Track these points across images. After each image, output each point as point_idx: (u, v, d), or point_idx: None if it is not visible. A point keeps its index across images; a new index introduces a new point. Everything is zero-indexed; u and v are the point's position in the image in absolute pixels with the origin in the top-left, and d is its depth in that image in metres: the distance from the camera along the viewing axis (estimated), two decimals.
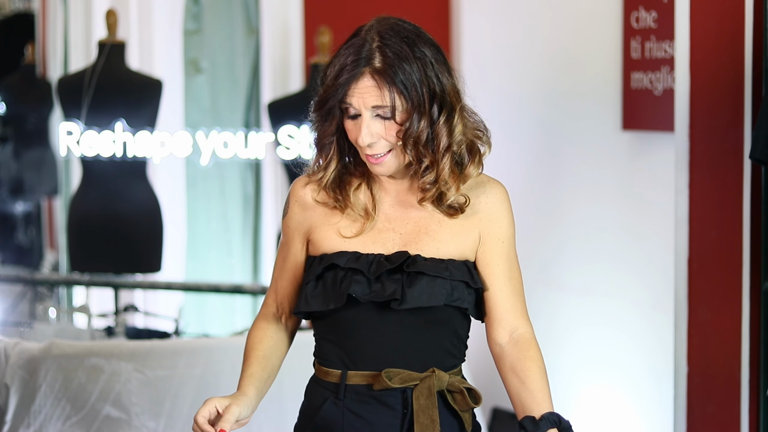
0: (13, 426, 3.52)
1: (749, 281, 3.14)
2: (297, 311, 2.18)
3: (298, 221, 2.19)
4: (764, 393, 3.10)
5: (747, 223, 3.14)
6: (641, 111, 4.17)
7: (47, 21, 7.58)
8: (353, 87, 2.07)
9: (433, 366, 2.14)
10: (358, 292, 2.09)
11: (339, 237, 2.15)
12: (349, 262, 2.11)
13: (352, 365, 2.14)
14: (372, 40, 2.09)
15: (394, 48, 2.08)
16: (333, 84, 2.08)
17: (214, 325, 5.83)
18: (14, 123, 7.82)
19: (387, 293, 2.09)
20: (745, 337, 3.15)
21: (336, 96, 2.08)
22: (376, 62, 2.07)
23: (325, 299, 2.12)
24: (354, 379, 2.14)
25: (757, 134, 2.85)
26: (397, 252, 2.13)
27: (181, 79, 5.97)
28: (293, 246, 2.21)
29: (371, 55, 2.07)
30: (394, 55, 2.07)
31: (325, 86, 2.10)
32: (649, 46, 4.11)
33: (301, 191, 2.20)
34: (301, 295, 2.17)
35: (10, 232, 8.49)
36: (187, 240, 6.02)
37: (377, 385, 2.12)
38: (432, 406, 2.12)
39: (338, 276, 2.11)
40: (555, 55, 4.67)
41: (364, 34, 2.10)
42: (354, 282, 2.09)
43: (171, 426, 3.58)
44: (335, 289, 2.11)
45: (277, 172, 5.46)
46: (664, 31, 4.00)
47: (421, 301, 2.09)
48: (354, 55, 2.07)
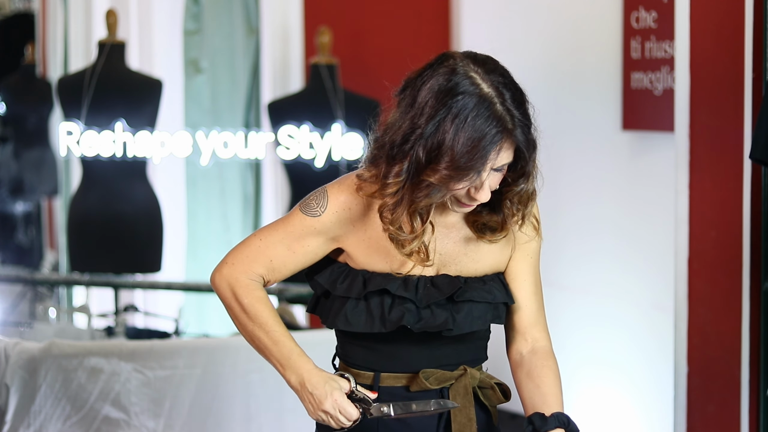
0: (13, 426, 3.52)
1: (749, 281, 3.14)
2: (332, 327, 2.14)
3: (332, 227, 2.11)
4: (764, 393, 3.10)
5: (747, 223, 3.14)
6: (641, 111, 4.17)
7: (47, 21, 7.59)
8: (492, 156, 1.98)
9: (464, 363, 2.16)
10: (411, 321, 2.08)
11: (381, 254, 2.11)
12: (399, 289, 2.09)
13: (385, 368, 2.14)
14: (501, 103, 1.98)
15: (525, 112, 2.02)
16: (471, 154, 1.95)
17: (214, 325, 5.83)
18: (14, 123, 7.82)
19: (438, 322, 2.09)
20: (745, 337, 3.15)
21: (475, 169, 1.96)
22: (518, 134, 1.99)
23: (370, 322, 2.09)
24: (387, 380, 2.14)
25: (757, 134, 2.85)
26: (443, 276, 2.12)
27: (181, 79, 5.97)
28: (312, 242, 2.13)
29: (511, 126, 1.98)
30: (526, 120, 2.01)
31: (460, 153, 1.94)
32: (649, 46, 4.11)
33: (352, 201, 2.10)
34: (333, 305, 2.13)
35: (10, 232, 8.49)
36: (187, 240, 6.02)
37: (414, 387, 2.13)
38: (469, 405, 2.14)
39: (386, 302, 2.09)
40: (555, 54, 4.66)
41: (489, 91, 1.98)
42: (406, 311, 2.08)
43: (171, 426, 3.58)
44: (383, 315, 2.08)
45: (277, 172, 5.46)
46: (664, 31, 4.00)
47: (470, 327, 2.12)
48: (494, 126, 1.95)
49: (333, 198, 2.10)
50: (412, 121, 1.99)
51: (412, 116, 1.99)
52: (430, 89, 1.99)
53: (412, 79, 2.05)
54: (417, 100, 2.00)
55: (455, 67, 2.01)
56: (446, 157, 1.95)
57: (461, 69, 2.00)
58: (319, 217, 2.10)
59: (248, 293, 2.14)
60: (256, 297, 2.14)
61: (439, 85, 1.99)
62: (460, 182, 1.97)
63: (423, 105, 1.98)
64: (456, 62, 2.02)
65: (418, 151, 1.97)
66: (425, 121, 1.97)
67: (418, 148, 1.97)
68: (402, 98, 2.05)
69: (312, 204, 2.11)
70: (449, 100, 1.97)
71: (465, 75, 2.00)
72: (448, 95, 1.97)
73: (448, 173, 1.95)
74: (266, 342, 2.11)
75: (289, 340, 2.11)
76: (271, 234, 2.15)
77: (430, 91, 1.99)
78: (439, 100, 1.97)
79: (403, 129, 1.99)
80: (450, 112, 1.96)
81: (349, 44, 5.29)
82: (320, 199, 2.12)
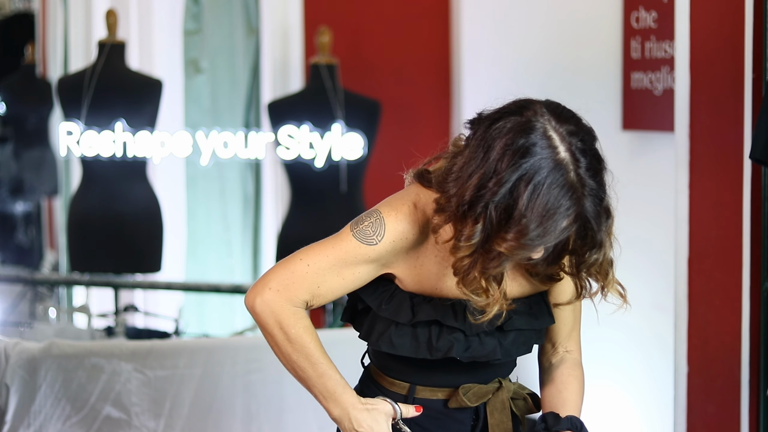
0: (13, 426, 3.52)
1: (749, 281, 3.14)
2: (375, 347, 2.09)
3: (386, 255, 2.03)
4: (764, 393, 3.10)
5: (747, 223, 3.14)
6: (641, 111, 4.17)
7: (47, 21, 7.58)
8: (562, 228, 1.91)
9: (497, 375, 2.15)
10: (459, 352, 2.05)
11: (431, 279, 2.06)
12: (449, 319, 2.04)
13: (422, 382, 2.11)
14: (575, 170, 1.88)
15: (600, 181, 1.92)
16: (543, 228, 1.86)
17: (214, 325, 5.83)
18: (14, 123, 7.82)
19: (486, 352, 2.06)
20: (745, 337, 3.15)
21: (544, 242, 1.89)
22: (588, 205, 1.90)
23: (415, 348, 2.05)
24: (423, 393, 2.11)
25: (757, 134, 2.84)
26: None
27: (181, 79, 5.97)
28: (363, 269, 2.04)
29: (582, 196, 1.88)
30: (600, 190, 1.91)
31: (531, 225, 1.86)
32: (649, 46, 4.10)
33: (409, 231, 2.02)
34: (376, 324, 2.08)
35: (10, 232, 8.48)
36: (187, 240, 6.01)
37: (453, 403, 2.10)
38: (507, 420, 2.13)
39: (433, 330, 2.05)
40: (555, 54, 4.66)
41: (564, 156, 1.88)
42: (455, 341, 2.04)
43: (171, 426, 3.58)
44: (430, 343, 2.04)
45: (277, 172, 5.46)
46: (664, 31, 3.99)
47: (516, 354, 2.11)
48: (567, 198, 1.87)
49: (391, 227, 2.01)
50: (482, 178, 1.88)
51: (483, 173, 1.89)
52: (505, 146, 1.88)
53: (484, 122, 1.94)
54: (489, 155, 1.89)
55: (534, 123, 1.90)
56: (516, 227, 1.86)
57: (540, 125, 1.90)
58: (375, 246, 2.02)
59: (296, 323, 2.04)
60: (304, 327, 2.05)
61: (514, 142, 1.88)
62: (527, 253, 1.91)
63: (496, 161, 1.88)
64: (536, 116, 1.92)
65: (491, 214, 1.88)
66: (498, 184, 1.87)
67: (491, 211, 1.88)
68: (472, 140, 1.94)
69: (368, 231, 2.02)
70: (523, 162, 1.87)
71: (543, 134, 1.89)
72: (524, 156, 1.87)
73: (515, 244, 1.87)
74: (311, 374, 2.04)
75: (334, 372, 2.04)
76: (320, 259, 2.03)
77: (505, 147, 1.88)
78: (513, 160, 1.87)
79: (474, 185, 1.89)
80: (524, 177, 1.86)
81: (349, 44, 5.29)
82: (377, 227, 2.02)
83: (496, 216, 1.87)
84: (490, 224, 1.88)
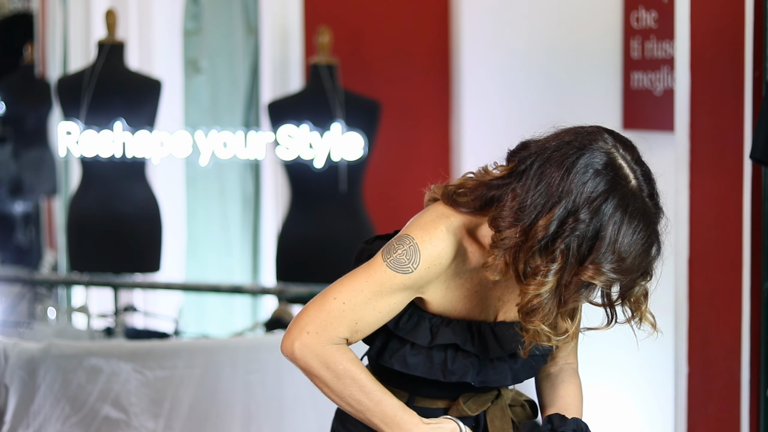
0: (13, 426, 3.52)
1: (749, 281, 3.14)
2: (387, 365, 2.05)
3: (421, 281, 1.98)
4: (764, 393, 3.10)
5: (747, 223, 3.14)
6: (641, 111, 4.17)
7: (47, 21, 7.58)
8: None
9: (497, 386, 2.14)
10: (473, 377, 2.03)
11: (457, 302, 2.03)
12: (467, 344, 2.02)
13: (422, 393, 2.09)
14: (649, 197, 1.88)
15: (659, 207, 1.93)
16: (640, 254, 1.86)
17: (213, 326, 5.82)
18: (14, 123, 7.82)
19: (498, 377, 2.06)
20: (745, 337, 3.15)
21: (642, 269, 1.88)
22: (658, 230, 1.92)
23: (428, 368, 2.02)
24: (423, 402, 2.09)
25: (757, 134, 2.84)
26: (503, 326, 2.04)
27: (180, 79, 5.97)
28: (398, 298, 1.98)
29: (656, 221, 1.90)
30: (661, 215, 1.93)
31: (626, 252, 1.85)
32: (649, 46, 4.10)
33: (443, 255, 1.97)
34: (389, 341, 2.05)
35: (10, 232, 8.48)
36: (186, 240, 6.01)
37: (454, 412, 2.08)
38: (508, 427, 2.12)
39: (449, 353, 2.02)
40: (555, 54, 4.66)
41: (635, 184, 1.87)
42: (470, 366, 2.02)
43: (170, 426, 3.57)
44: (444, 366, 2.02)
45: (277, 172, 5.45)
46: (664, 31, 3.99)
47: (525, 377, 2.10)
48: (647, 224, 1.88)
49: (426, 253, 1.95)
50: (561, 212, 1.84)
51: (560, 207, 1.84)
52: (583, 176, 1.84)
53: (543, 152, 1.90)
54: (564, 183, 1.84)
55: (609, 151, 1.87)
56: (608, 256, 1.83)
57: (613, 155, 1.87)
58: (411, 274, 1.95)
59: (341, 358, 1.97)
60: (350, 360, 1.98)
61: (595, 171, 1.85)
62: (621, 282, 1.88)
63: (573, 194, 1.84)
64: (607, 144, 1.88)
65: (573, 247, 1.84)
66: (581, 215, 1.83)
67: (573, 245, 1.84)
68: (532, 171, 1.89)
69: (402, 260, 1.95)
70: (610, 190, 1.84)
71: (615, 163, 1.86)
72: (609, 185, 1.84)
73: (614, 276, 1.85)
74: (367, 404, 1.98)
75: (390, 397, 1.99)
76: (354, 295, 1.96)
77: (583, 177, 1.84)
78: (597, 189, 1.84)
79: (554, 220, 1.84)
80: (608, 205, 1.83)
81: (349, 44, 5.29)
82: (411, 254, 1.95)
83: (578, 249, 1.84)
84: (571, 258, 1.85)
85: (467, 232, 1.98)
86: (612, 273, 1.84)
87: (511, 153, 1.96)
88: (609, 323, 2.04)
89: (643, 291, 1.99)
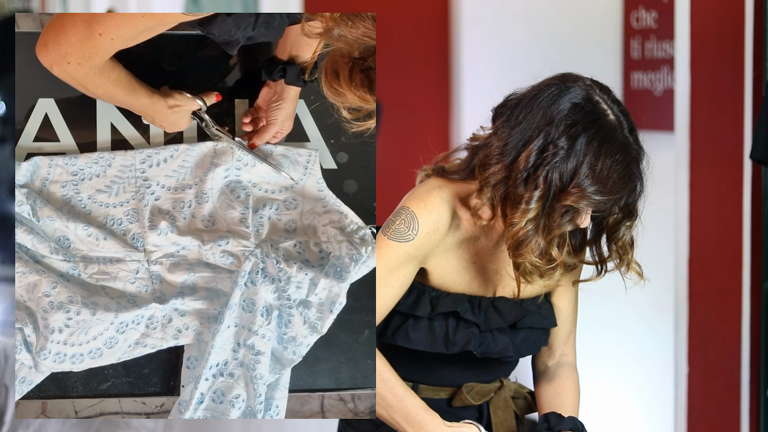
0: (13, 426, 3.52)
1: (749, 281, 3.14)
2: (390, 341, 2.06)
3: (422, 248, 2.01)
4: (764, 393, 3.10)
5: (747, 223, 3.14)
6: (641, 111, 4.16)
7: None
8: None
9: (500, 375, 2.16)
10: (475, 346, 2.05)
11: (456, 274, 2.06)
12: (468, 312, 2.03)
13: (425, 381, 2.11)
14: (629, 131, 1.97)
15: (640, 144, 2.01)
16: (621, 177, 1.92)
17: None
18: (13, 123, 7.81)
19: (498, 348, 2.07)
20: (745, 337, 3.15)
21: (624, 191, 1.94)
22: (640, 165, 1.98)
23: (431, 342, 2.04)
24: (426, 392, 2.11)
25: (757, 134, 2.84)
26: (503, 300, 2.08)
27: None
28: (405, 271, 2.01)
29: (636, 156, 1.96)
30: (643, 152, 2.00)
31: (606, 175, 1.90)
32: (649, 46, 4.10)
33: (440, 221, 2.00)
34: (392, 318, 2.06)
35: (10, 232, 8.49)
36: None
37: (457, 402, 2.11)
38: (510, 418, 2.14)
39: (450, 323, 2.04)
40: (555, 54, 4.66)
41: (614, 118, 1.95)
42: (472, 336, 2.04)
43: (170, 426, 3.57)
44: (447, 337, 2.03)
45: None
46: (664, 31, 3.99)
47: (527, 352, 2.12)
48: (626, 153, 1.94)
49: (423, 219, 1.99)
50: (541, 142, 1.90)
51: (540, 138, 1.90)
52: (558, 110, 1.91)
53: (524, 98, 1.96)
54: (543, 120, 1.91)
55: (584, 89, 1.94)
56: (589, 180, 1.89)
57: (590, 91, 1.95)
58: (412, 242, 1.98)
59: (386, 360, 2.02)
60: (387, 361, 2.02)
61: (573, 104, 1.91)
62: (604, 205, 1.92)
63: (552, 126, 1.90)
64: (584, 84, 1.96)
65: (553, 175, 1.88)
66: (560, 142, 1.89)
67: (554, 172, 1.88)
68: (515, 115, 1.95)
69: (401, 229, 1.99)
70: (588, 120, 1.90)
71: (592, 98, 1.94)
72: (587, 116, 1.91)
73: (597, 197, 1.90)
74: (390, 399, 1.99)
75: (412, 396, 2.01)
76: (383, 289, 2.01)
77: (558, 112, 1.91)
78: (575, 119, 1.90)
79: (534, 150, 1.90)
80: (587, 133, 1.90)
81: None
82: (410, 222, 1.99)
83: (560, 175, 1.88)
84: (554, 185, 1.88)
85: (460, 201, 2.01)
86: (595, 195, 1.88)
87: (495, 109, 2.02)
88: (599, 274, 2.10)
89: (630, 237, 2.05)
